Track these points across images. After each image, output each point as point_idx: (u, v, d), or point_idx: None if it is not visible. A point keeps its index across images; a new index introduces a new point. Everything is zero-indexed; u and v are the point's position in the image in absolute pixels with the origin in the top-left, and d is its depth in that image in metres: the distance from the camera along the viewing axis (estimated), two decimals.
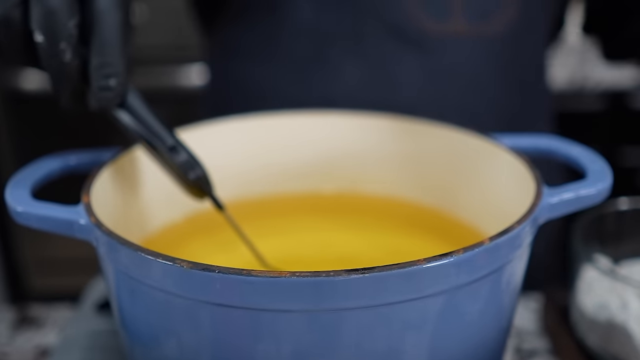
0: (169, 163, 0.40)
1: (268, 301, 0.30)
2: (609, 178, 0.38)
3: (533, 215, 0.34)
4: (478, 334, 0.35)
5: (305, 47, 0.66)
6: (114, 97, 0.37)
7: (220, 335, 0.32)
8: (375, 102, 0.65)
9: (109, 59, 0.36)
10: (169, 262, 0.30)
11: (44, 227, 0.36)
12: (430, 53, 0.64)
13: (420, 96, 0.65)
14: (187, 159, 0.40)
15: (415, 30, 0.64)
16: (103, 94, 0.37)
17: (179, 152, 0.39)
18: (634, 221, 0.54)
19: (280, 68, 0.67)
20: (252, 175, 0.50)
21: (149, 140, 0.39)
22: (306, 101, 0.66)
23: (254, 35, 0.68)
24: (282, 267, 0.43)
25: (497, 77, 0.67)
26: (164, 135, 0.39)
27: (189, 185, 0.40)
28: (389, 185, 0.50)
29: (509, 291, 0.35)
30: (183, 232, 0.47)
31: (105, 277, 0.36)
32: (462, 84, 0.66)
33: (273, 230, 0.49)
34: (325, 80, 0.66)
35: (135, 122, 0.39)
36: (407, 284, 0.30)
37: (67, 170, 0.42)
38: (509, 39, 0.66)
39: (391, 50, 0.64)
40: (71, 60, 0.36)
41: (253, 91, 0.69)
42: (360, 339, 0.31)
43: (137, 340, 0.36)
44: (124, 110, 0.39)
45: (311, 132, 0.50)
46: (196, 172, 0.40)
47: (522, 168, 0.40)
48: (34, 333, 0.58)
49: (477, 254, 0.31)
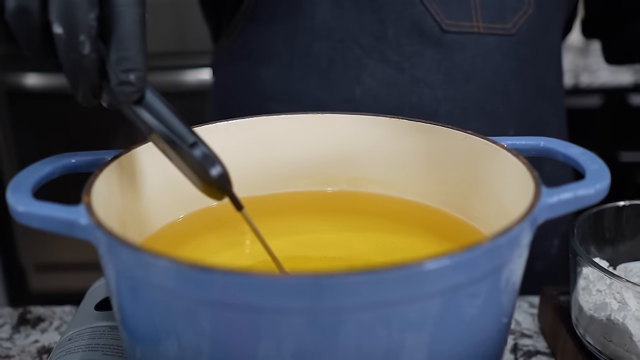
0: (189, 161, 0.38)
1: (268, 301, 0.30)
2: (607, 178, 0.38)
3: (532, 215, 0.35)
4: (477, 333, 0.35)
5: (324, 48, 0.65)
6: (134, 92, 0.37)
7: (220, 335, 0.32)
8: (396, 102, 0.65)
9: (129, 54, 0.36)
10: (170, 263, 0.30)
11: (45, 227, 0.36)
12: (450, 52, 0.64)
13: (441, 95, 0.65)
14: (209, 156, 0.38)
15: (435, 29, 0.64)
16: (123, 89, 0.36)
17: (200, 149, 0.38)
18: (632, 219, 0.54)
19: (298, 69, 0.67)
20: (253, 176, 0.51)
21: (169, 137, 0.38)
22: (326, 103, 0.66)
23: (271, 36, 0.67)
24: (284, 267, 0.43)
25: (516, 76, 0.67)
26: (184, 132, 0.38)
27: (208, 184, 0.39)
28: (390, 185, 0.50)
29: (507, 291, 0.36)
30: (184, 232, 0.47)
31: (106, 277, 0.36)
32: (482, 83, 0.66)
33: (274, 231, 0.49)
34: (345, 81, 0.66)
35: (154, 119, 0.38)
36: (406, 284, 0.30)
37: (68, 170, 0.42)
38: (527, 38, 0.66)
39: (411, 50, 0.64)
40: (90, 54, 0.35)
41: (269, 94, 0.68)
42: (360, 339, 0.31)
43: (138, 340, 0.36)
44: (142, 107, 0.38)
45: (312, 132, 0.50)
46: (218, 169, 0.38)
47: (521, 168, 0.40)
48: (35, 333, 0.59)
49: (476, 254, 0.31)
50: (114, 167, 0.42)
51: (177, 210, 0.47)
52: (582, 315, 0.49)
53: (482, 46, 0.65)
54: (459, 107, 0.65)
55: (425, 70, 0.65)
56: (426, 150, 0.48)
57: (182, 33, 1.59)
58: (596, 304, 0.48)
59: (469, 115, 0.66)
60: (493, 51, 0.65)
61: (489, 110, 0.66)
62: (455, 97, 0.65)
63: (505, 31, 0.64)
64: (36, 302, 1.63)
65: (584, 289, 0.49)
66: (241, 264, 0.44)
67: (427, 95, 0.65)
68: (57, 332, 0.59)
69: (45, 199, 0.36)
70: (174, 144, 0.38)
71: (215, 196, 0.40)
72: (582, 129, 1.49)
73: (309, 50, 0.66)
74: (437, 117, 0.65)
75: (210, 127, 0.48)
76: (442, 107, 0.65)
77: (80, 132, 1.59)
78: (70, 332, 0.48)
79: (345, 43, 0.65)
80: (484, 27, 0.64)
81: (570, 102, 1.52)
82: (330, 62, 0.65)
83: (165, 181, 0.43)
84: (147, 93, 0.38)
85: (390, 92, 0.65)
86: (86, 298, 0.53)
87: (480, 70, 0.65)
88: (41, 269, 1.77)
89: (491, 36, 0.64)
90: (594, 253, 0.54)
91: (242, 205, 0.41)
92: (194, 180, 0.39)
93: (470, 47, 0.64)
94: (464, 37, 0.64)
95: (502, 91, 0.66)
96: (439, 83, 0.65)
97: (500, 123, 0.67)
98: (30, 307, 0.62)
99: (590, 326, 0.48)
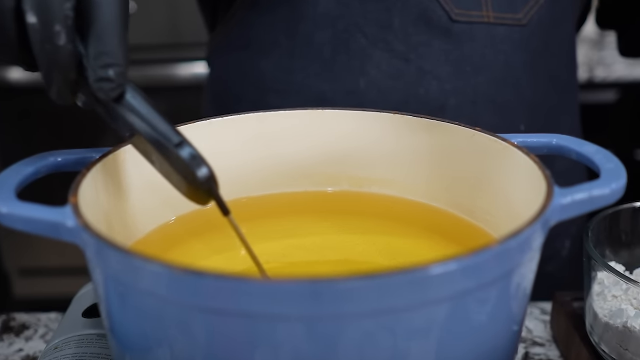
0: (174, 162, 0.38)
1: (264, 308, 0.30)
2: (623, 177, 0.38)
3: (543, 216, 0.35)
4: (486, 341, 0.35)
5: (327, 38, 0.65)
6: (113, 88, 0.36)
7: (213, 344, 0.32)
8: (401, 94, 0.65)
9: (108, 48, 0.35)
10: (161, 267, 0.30)
11: (30, 229, 0.36)
12: (458, 42, 0.64)
13: (449, 88, 0.65)
14: (196, 157, 0.38)
15: (443, 18, 0.64)
16: (101, 85, 0.36)
17: (187, 149, 0.37)
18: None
19: (300, 60, 0.67)
20: (250, 175, 0.51)
21: (153, 137, 0.37)
22: (328, 95, 0.66)
23: (271, 25, 0.67)
24: (281, 271, 0.43)
25: (527, 68, 0.67)
26: (169, 132, 0.37)
27: (194, 187, 0.38)
28: (392, 185, 0.50)
29: (518, 296, 0.36)
30: (175, 235, 0.47)
31: (93, 282, 0.36)
32: (492, 75, 0.66)
33: (273, 233, 0.49)
34: (349, 72, 0.66)
35: (136, 118, 0.37)
36: (411, 289, 0.30)
37: (53, 169, 0.42)
38: (538, 29, 0.66)
39: (418, 40, 0.64)
40: (65, 45, 0.35)
41: (268, 85, 0.68)
42: (362, 347, 0.31)
43: (127, 348, 0.36)
44: (122, 105, 0.37)
45: (311, 129, 0.50)
46: (205, 170, 0.38)
47: (532, 167, 0.40)
48: (19, 341, 0.59)
49: (484, 258, 0.31)
50: (102, 166, 0.42)
51: (167, 212, 0.47)
52: (596, 322, 0.49)
53: (492, 37, 0.65)
54: (468, 101, 0.65)
55: (432, 61, 0.65)
56: (431, 148, 0.48)
57: (176, 24, 1.59)
58: (612, 310, 0.48)
59: (478, 109, 0.66)
60: (503, 42, 0.65)
61: (500, 104, 0.66)
62: (464, 89, 0.65)
63: (516, 21, 0.64)
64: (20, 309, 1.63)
65: (599, 294, 0.49)
66: (235, 269, 0.44)
67: (435, 87, 0.65)
68: (43, 340, 0.59)
69: (29, 200, 0.36)
70: (158, 144, 0.38)
71: (200, 200, 0.39)
72: (596, 126, 1.49)
73: (311, 40, 0.66)
74: (445, 110, 0.65)
75: (203, 123, 0.48)
76: (450, 100, 0.65)
77: (66, 129, 1.59)
78: (56, 340, 0.48)
79: (349, 32, 0.65)
80: (494, 16, 0.64)
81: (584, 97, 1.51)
82: (333, 53, 0.65)
83: (155, 181, 0.43)
84: (128, 90, 0.37)
85: (396, 84, 0.65)
86: (73, 304, 0.53)
87: (491, 62, 0.65)
88: (25, 273, 1.77)
89: (502, 26, 0.64)
90: (610, 257, 0.54)
91: (229, 210, 0.40)
92: (178, 183, 0.39)
93: (479, 38, 0.64)
94: (474, 27, 0.64)
95: (513, 84, 0.66)
96: (447, 75, 0.65)
97: (511, 117, 0.67)
98: (13, 313, 0.62)
99: (606, 334, 0.48)
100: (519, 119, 0.68)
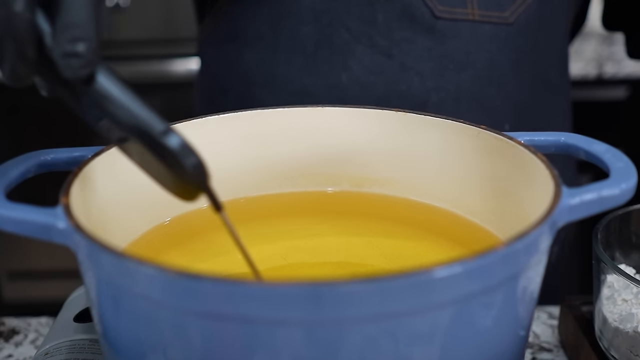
0: (158, 153, 0.35)
1: (263, 312, 0.30)
2: (634, 177, 0.38)
3: (551, 217, 0.35)
4: (492, 347, 0.35)
5: (311, 32, 0.67)
6: (82, 65, 0.32)
7: (210, 349, 0.32)
8: (383, 90, 0.66)
9: (77, 19, 0.32)
10: (155, 270, 0.30)
11: (19, 231, 0.36)
12: (441, 39, 0.65)
13: (431, 84, 0.66)
14: (184, 146, 0.35)
15: (426, 15, 0.65)
16: (69, 62, 0.32)
17: (173, 138, 0.34)
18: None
19: (283, 55, 0.68)
20: (248, 175, 0.51)
21: (133, 125, 0.34)
22: (310, 89, 0.67)
23: (257, 19, 0.68)
24: (280, 274, 0.43)
25: (514, 68, 0.67)
26: (152, 119, 0.34)
27: (182, 180, 0.36)
28: (395, 185, 0.50)
29: (525, 300, 0.36)
30: (170, 237, 0.47)
31: (85, 285, 0.36)
32: (476, 74, 0.66)
33: (271, 234, 0.49)
34: (331, 66, 0.67)
35: (111, 104, 0.34)
36: (415, 292, 0.30)
37: (44, 169, 0.42)
38: (526, 28, 0.66)
39: (401, 36, 0.65)
40: (23, 12, 0.32)
41: (252, 78, 0.70)
42: (363, 353, 0.31)
43: (121, 355, 0.36)
44: (93, 88, 0.34)
45: (311, 127, 0.50)
46: (194, 160, 0.35)
47: (540, 166, 0.40)
48: (8, 347, 0.59)
49: (490, 261, 0.31)
50: (95, 165, 0.42)
51: (163, 213, 0.47)
52: (606, 327, 0.49)
53: (477, 35, 0.66)
54: (450, 98, 0.67)
55: (415, 57, 0.66)
56: (435, 147, 0.48)
57: (171, 19, 1.59)
58: (622, 314, 0.48)
59: (461, 107, 0.67)
60: (489, 40, 0.66)
61: (484, 103, 0.67)
62: (447, 87, 0.66)
63: (503, 20, 0.65)
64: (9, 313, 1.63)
65: (609, 298, 0.49)
66: (233, 272, 0.44)
67: (417, 84, 0.66)
68: (33, 346, 0.59)
69: (19, 201, 0.36)
70: (140, 133, 0.34)
71: (189, 195, 0.37)
72: (606, 124, 1.49)
73: (294, 34, 0.67)
74: (427, 107, 0.66)
75: (199, 121, 0.48)
76: (432, 97, 0.66)
77: (57, 126, 1.59)
78: (47, 345, 0.48)
79: (332, 27, 0.66)
80: (479, 14, 0.65)
81: (593, 94, 1.52)
82: (316, 47, 0.67)
83: (150, 181, 0.43)
84: (101, 70, 0.34)
85: (378, 80, 0.66)
86: (64, 308, 0.53)
87: (475, 60, 0.66)
88: (15, 276, 1.77)
89: (487, 24, 0.66)
90: (620, 259, 0.54)
91: (222, 206, 0.38)
92: (162, 177, 0.36)
93: (464, 35, 0.65)
94: (458, 24, 0.65)
95: (498, 83, 0.68)
96: (430, 71, 0.66)
97: (496, 117, 0.68)
98: (3, 318, 0.62)
99: (615, 339, 0.48)
100: (504, 119, 0.68)
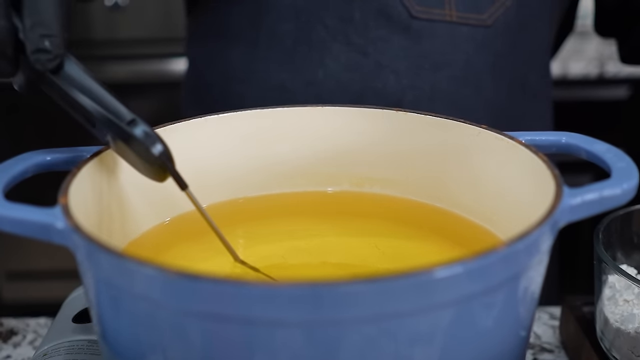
0: (128, 140, 0.39)
1: (262, 313, 0.30)
2: (635, 177, 0.38)
3: (552, 217, 0.35)
4: (493, 347, 0.35)
5: (290, 29, 0.68)
6: (50, 59, 0.37)
7: (210, 350, 0.32)
8: (359, 87, 0.67)
9: (43, 18, 0.37)
10: (155, 270, 0.30)
11: (18, 231, 0.36)
12: (418, 39, 0.66)
13: (406, 83, 0.67)
14: (149, 134, 0.39)
15: (403, 15, 0.66)
16: (38, 57, 0.37)
17: (139, 127, 0.39)
18: None
19: (263, 51, 0.69)
20: (246, 175, 0.51)
21: (101, 115, 0.38)
22: (290, 85, 0.69)
23: (236, 17, 0.70)
24: (280, 274, 0.43)
25: (491, 70, 0.68)
26: (119, 109, 0.39)
27: (150, 164, 0.40)
28: (395, 185, 0.50)
29: (526, 301, 0.36)
30: (170, 237, 0.47)
31: (84, 286, 0.36)
32: (452, 74, 0.67)
33: (271, 235, 0.49)
34: (308, 63, 0.68)
35: (78, 93, 0.38)
36: (415, 293, 0.30)
37: (42, 168, 0.42)
38: (505, 31, 0.67)
39: (377, 34, 0.66)
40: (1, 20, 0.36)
41: (233, 74, 0.71)
42: (364, 354, 0.31)
43: (120, 355, 0.36)
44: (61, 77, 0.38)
45: (310, 126, 0.50)
46: (159, 147, 0.39)
47: (540, 166, 0.40)
48: (7, 347, 0.59)
49: (491, 261, 0.31)
50: (94, 164, 0.42)
51: (163, 213, 0.47)
52: (607, 327, 0.49)
53: (453, 36, 0.66)
54: (426, 97, 0.67)
55: (391, 56, 0.67)
56: (436, 147, 0.48)
57: (169, 18, 1.59)
58: (623, 315, 0.48)
59: (436, 106, 0.67)
60: (466, 42, 0.67)
61: (459, 103, 0.68)
62: (422, 86, 0.67)
63: (480, 22, 0.66)
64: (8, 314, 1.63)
65: (610, 298, 0.49)
66: (233, 272, 0.44)
67: (392, 82, 0.67)
68: (31, 347, 0.59)
69: (17, 201, 0.36)
70: (108, 123, 0.39)
71: (158, 177, 0.41)
72: (607, 123, 1.49)
73: (274, 30, 0.68)
74: (402, 105, 0.67)
75: (198, 121, 0.48)
76: (407, 96, 0.67)
77: (56, 125, 1.59)
78: (45, 346, 0.48)
79: (310, 24, 0.67)
80: (457, 15, 0.66)
81: (595, 94, 1.52)
82: (294, 44, 0.68)
83: (149, 181, 0.43)
84: (69, 64, 0.38)
85: (354, 77, 0.67)
86: (63, 309, 0.53)
87: (451, 61, 0.67)
88: (14, 277, 1.77)
89: (465, 26, 0.66)
90: (621, 259, 0.54)
91: (187, 184, 0.41)
92: (134, 162, 0.40)
93: (440, 36, 0.66)
94: (435, 24, 0.66)
95: (475, 84, 0.68)
96: (405, 70, 0.67)
97: (471, 117, 0.68)
98: (1, 318, 0.62)
99: (617, 340, 0.48)
100: (480, 120, 0.68)
